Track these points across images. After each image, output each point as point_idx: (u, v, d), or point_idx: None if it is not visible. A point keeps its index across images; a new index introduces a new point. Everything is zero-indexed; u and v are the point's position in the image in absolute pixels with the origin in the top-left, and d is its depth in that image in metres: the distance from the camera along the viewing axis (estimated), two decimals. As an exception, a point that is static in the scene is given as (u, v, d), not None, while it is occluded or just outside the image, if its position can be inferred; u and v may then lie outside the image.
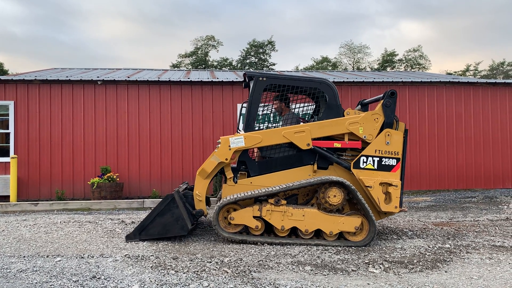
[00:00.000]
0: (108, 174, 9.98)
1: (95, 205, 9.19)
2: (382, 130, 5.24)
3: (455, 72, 41.77)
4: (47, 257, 4.41)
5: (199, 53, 44.26)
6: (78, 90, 10.83)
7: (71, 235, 5.51)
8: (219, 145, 5.30)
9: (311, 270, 3.99)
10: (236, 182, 5.35)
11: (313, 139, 5.26)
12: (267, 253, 4.64)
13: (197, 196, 5.34)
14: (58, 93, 10.75)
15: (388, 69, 41.71)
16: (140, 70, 15.53)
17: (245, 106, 5.62)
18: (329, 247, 4.91)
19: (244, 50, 43.71)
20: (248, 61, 43.23)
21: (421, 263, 4.25)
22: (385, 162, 5.17)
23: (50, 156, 10.60)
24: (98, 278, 3.65)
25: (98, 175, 10.15)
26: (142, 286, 3.46)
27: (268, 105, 6.04)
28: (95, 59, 66.22)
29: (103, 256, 4.44)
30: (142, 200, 9.53)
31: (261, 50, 43.45)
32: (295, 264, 4.20)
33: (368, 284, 3.60)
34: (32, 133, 10.59)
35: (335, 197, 5.05)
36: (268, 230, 5.17)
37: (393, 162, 5.18)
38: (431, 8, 67.71)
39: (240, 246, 4.95)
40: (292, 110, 6.02)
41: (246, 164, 5.44)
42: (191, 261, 4.26)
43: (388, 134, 5.18)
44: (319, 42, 72.29)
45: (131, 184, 10.81)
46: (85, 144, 10.73)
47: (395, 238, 5.51)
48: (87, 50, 69.78)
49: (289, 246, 4.95)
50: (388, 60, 43.08)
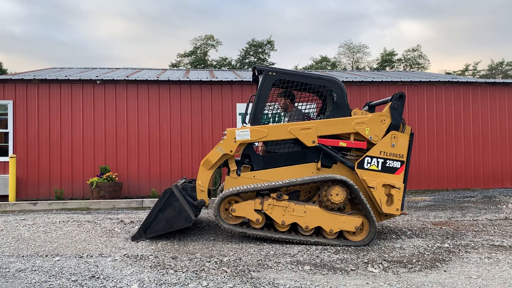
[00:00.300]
0: (107, 174, 9.98)
1: (94, 204, 9.17)
2: (388, 132, 5.24)
3: (454, 72, 41.78)
4: (46, 256, 4.40)
5: (198, 52, 44.21)
6: (77, 90, 10.83)
7: (70, 235, 5.50)
8: (225, 136, 5.29)
9: (310, 270, 3.99)
10: (239, 175, 5.35)
11: (318, 137, 5.25)
12: (266, 252, 4.65)
13: (199, 186, 5.32)
14: (57, 92, 10.74)
15: (387, 68, 41.71)
16: (139, 69, 15.51)
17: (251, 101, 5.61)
18: (328, 247, 4.92)
19: (243, 49, 43.71)
20: (247, 60, 43.18)
21: (420, 263, 4.26)
22: (389, 164, 5.16)
23: (49, 155, 10.60)
24: (97, 278, 3.64)
25: (97, 175, 10.15)
26: (141, 285, 3.45)
27: (274, 104, 6.02)
28: (94, 59, 66.24)
29: (102, 255, 4.44)
30: (141, 199, 9.52)
31: (260, 50, 43.40)
32: (294, 263, 4.20)
33: (367, 283, 3.60)
34: (31, 132, 10.58)
35: (338, 195, 5.05)
36: (268, 225, 5.19)
37: (397, 164, 5.17)
38: (431, 7, 67.90)
39: (239, 246, 4.96)
40: (297, 107, 6.00)
41: (250, 157, 5.42)
42: (190, 260, 4.26)
43: (394, 137, 5.18)
44: (319, 42, 72.43)
45: (130, 183, 10.81)
46: (84, 143, 10.73)
47: (394, 237, 5.52)
48: (86, 49, 69.80)
49: (288, 246, 4.95)
50: (387, 59, 43.07)
